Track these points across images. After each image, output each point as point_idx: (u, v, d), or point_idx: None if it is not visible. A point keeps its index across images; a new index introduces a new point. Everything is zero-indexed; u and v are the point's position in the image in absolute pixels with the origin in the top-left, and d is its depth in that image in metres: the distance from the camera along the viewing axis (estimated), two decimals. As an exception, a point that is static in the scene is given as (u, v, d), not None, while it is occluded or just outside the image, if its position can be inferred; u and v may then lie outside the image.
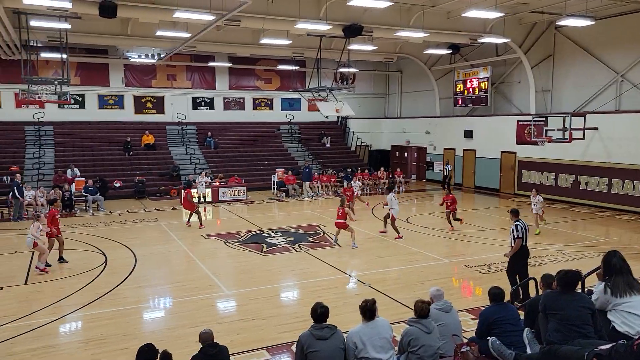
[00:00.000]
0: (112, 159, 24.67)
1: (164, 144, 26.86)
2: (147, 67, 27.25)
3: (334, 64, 24.67)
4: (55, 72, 24.03)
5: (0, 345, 7.53)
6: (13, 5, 15.06)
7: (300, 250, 13.28)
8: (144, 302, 9.60)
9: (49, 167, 22.97)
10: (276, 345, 7.45)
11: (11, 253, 12.99)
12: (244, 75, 29.87)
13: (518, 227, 8.92)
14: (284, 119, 30.71)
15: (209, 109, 29.28)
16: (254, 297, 9.61)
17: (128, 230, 15.94)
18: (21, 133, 24.68)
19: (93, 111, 26.57)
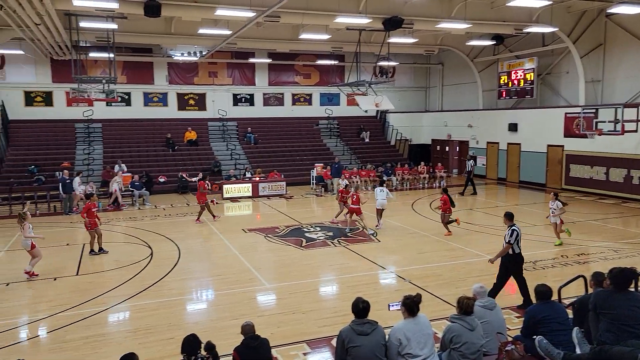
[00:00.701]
0: (157, 154, 25.38)
1: (206, 139, 27.41)
2: (189, 65, 27.84)
3: (373, 58, 24.50)
4: (103, 71, 24.96)
5: (54, 333, 7.92)
6: (64, 7, 15.67)
7: (339, 245, 13.29)
8: (188, 294, 9.85)
9: (98, 163, 23.87)
10: (316, 339, 7.49)
11: (63, 245, 13.57)
12: (283, 71, 30.07)
13: (514, 232, 8.34)
14: (322, 114, 30.75)
15: (249, 105, 29.66)
16: (294, 291, 9.69)
17: (172, 224, 16.37)
18: (72, 130, 25.73)
19: (138, 109, 27.40)
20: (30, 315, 8.78)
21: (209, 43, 23.07)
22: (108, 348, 7.30)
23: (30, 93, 25.54)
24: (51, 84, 25.63)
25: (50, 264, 11.80)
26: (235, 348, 5.39)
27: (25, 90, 25.37)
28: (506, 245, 8.37)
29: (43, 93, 25.74)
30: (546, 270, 10.82)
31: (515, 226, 8.48)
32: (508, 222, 8.61)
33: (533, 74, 23.99)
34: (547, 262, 11.42)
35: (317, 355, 7.08)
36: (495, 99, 26.91)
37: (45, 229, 15.53)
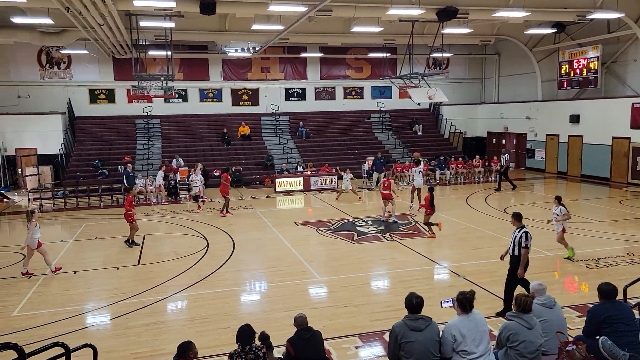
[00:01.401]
0: (212, 149, 26.08)
1: (259, 134, 27.88)
2: (243, 61, 28.37)
3: (426, 50, 24.01)
4: (162, 69, 25.88)
5: (118, 320, 8.33)
6: (125, 8, 16.34)
7: (391, 240, 13.18)
8: (242, 285, 10.09)
9: (157, 157, 24.83)
10: (368, 333, 7.48)
11: (125, 236, 14.20)
12: (335, 65, 30.06)
13: (528, 235, 7.80)
14: (374, 107, 30.51)
15: (300, 99, 29.88)
16: (345, 285, 9.71)
17: (227, 216, 16.77)
18: (132, 126, 26.89)
19: (195, 104, 28.24)
20: (95, 302, 9.28)
21: (262, 39, 23.39)
22: (167, 335, 7.60)
23: (95, 91, 26.88)
24: (113, 82, 26.86)
25: (113, 254, 12.42)
26: (289, 339, 5.47)
27: (90, 88, 26.73)
28: (525, 250, 7.82)
29: (106, 91, 27.02)
30: (610, 268, 10.29)
31: (525, 227, 8.02)
32: (517, 223, 8.05)
33: (597, 63, 22.74)
34: (612, 260, 10.85)
35: (369, 349, 7.07)
36: (556, 90, 25.72)
37: (108, 221, 16.37)
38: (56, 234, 15.43)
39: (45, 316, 8.50)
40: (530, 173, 26.02)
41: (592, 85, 23.13)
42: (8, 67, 25.11)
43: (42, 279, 10.54)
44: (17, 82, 25.25)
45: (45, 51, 25.54)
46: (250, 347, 5.13)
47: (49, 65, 25.88)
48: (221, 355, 6.87)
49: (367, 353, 6.97)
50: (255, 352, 5.09)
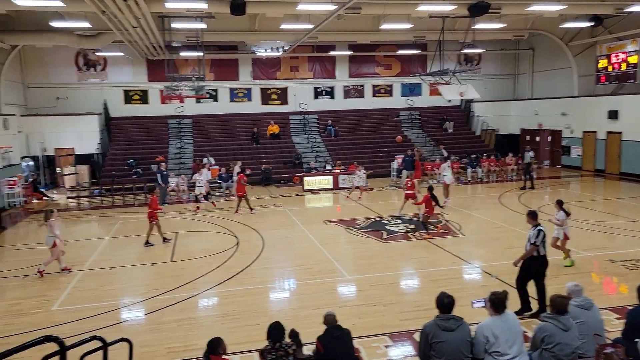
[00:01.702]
0: (242, 148, 26.36)
1: (288, 133, 28.03)
2: (272, 60, 28.57)
3: (457, 46, 23.67)
4: (193, 70, 26.32)
5: (152, 315, 8.53)
6: (158, 10, 16.68)
7: (421, 239, 13.05)
8: (271, 283, 10.18)
9: (189, 156, 25.27)
10: (398, 332, 7.43)
11: (158, 234, 14.49)
12: (364, 63, 29.93)
13: (540, 232, 7.67)
14: (403, 104, 30.26)
15: (329, 97, 29.89)
16: (375, 283, 9.67)
17: (256, 214, 16.95)
18: (165, 126, 27.43)
19: (225, 104, 28.60)
20: (130, 298, 9.52)
21: (291, 38, 23.50)
22: (199, 331, 7.74)
23: (129, 92, 27.54)
24: (147, 83, 27.46)
25: (147, 251, 12.72)
26: (318, 337, 5.49)
27: (125, 89, 27.40)
28: (531, 246, 7.70)
29: (140, 91, 27.65)
30: (652, 270, 9.93)
31: (541, 226, 7.82)
32: (532, 221, 7.92)
33: (637, 57, 21.93)
34: (653, 261, 10.47)
35: (399, 348, 7.03)
36: (593, 85, 24.95)
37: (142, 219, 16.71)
38: (93, 231, 15.90)
39: (83, 310, 8.77)
40: (566, 171, 25.32)
41: (632, 80, 22.33)
42: (47, 70, 25.98)
43: (80, 275, 10.88)
44: (55, 84, 26.09)
45: (82, 54, 26.31)
46: (280, 344, 5.17)
47: (85, 68, 26.65)
48: (251, 351, 6.95)
49: (397, 352, 6.93)
50: (285, 349, 5.14)
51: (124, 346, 5.54)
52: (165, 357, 7.02)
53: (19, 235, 15.47)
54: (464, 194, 20.26)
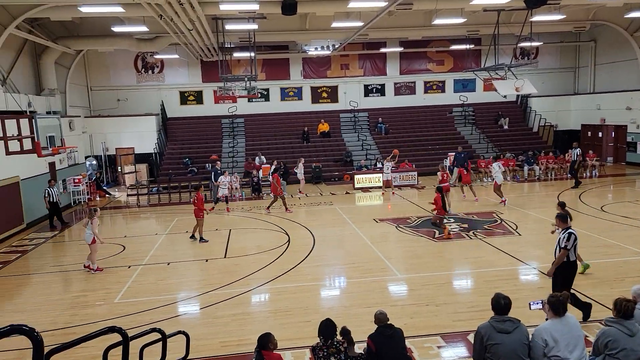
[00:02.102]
0: (292, 146, 26.64)
1: (338, 131, 28.05)
2: (322, 59, 28.67)
3: (513, 39, 22.84)
4: (245, 70, 26.84)
5: (207, 309, 8.79)
6: (212, 12, 17.13)
7: (475, 238, 12.72)
8: (322, 280, 10.23)
9: (241, 155, 25.81)
10: (451, 333, 7.29)
11: (213, 230, 14.93)
12: (415, 59, 29.49)
13: (571, 236, 7.25)
14: (456, 101, 29.56)
15: (379, 95, 29.65)
16: (427, 283, 9.53)
17: (307, 212, 17.10)
18: (218, 125, 28.15)
19: (276, 103, 29.00)
20: (186, 292, 9.85)
21: (341, 36, 23.49)
22: (252, 326, 7.89)
23: (184, 93, 28.45)
24: (201, 84, 28.27)
25: (202, 247, 13.11)
26: (370, 336, 5.47)
27: (180, 90, 28.33)
28: (562, 251, 7.30)
29: (195, 92, 28.50)
30: None
31: (572, 229, 7.39)
32: (562, 224, 7.53)
33: None
34: None
35: (452, 349, 6.89)
36: (662, 77, 23.43)
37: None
38: (151, 228, 16.55)
39: (142, 303, 9.16)
40: (631, 168, 23.93)
41: None
42: (109, 73, 27.27)
43: (140, 269, 11.36)
44: (116, 87, 27.36)
45: (141, 57, 27.43)
46: (332, 341, 5.19)
47: (144, 70, 27.76)
48: (302, 347, 7.03)
49: (450, 353, 6.80)
50: (337, 347, 5.15)
51: (181, 339, 5.74)
52: (219, 350, 7.22)
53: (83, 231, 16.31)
54: (520, 192, 19.57)
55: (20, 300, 9.91)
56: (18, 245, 14.39)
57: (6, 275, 11.58)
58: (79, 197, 20.90)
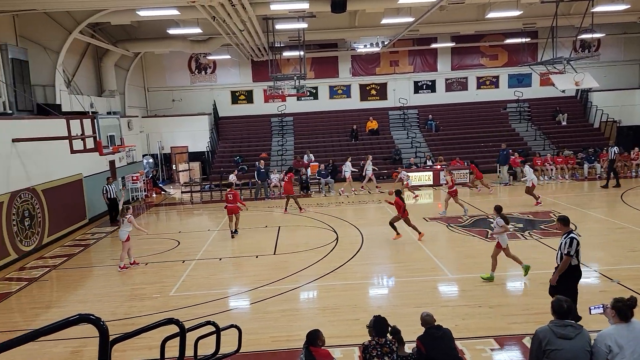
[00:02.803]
0: (341, 144, 26.63)
1: (387, 128, 27.80)
2: (371, 56, 28.48)
3: (573, 31, 21.79)
4: (294, 69, 27.06)
5: (257, 305, 8.95)
6: (263, 12, 17.39)
7: (531, 238, 12.28)
8: (371, 279, 10.19)
9: (290, 153, 26.08)
10: (505, 336, 7.08)
11: (262, 227, 15.18)
12: (467, 54, 28.74)
13: (573, 240, 6.91)
14: (511, 96, 28.58)
15: (430, 91, 29.13)
16: (479, 284, 9.29)
17: (355, 210, 17.06)
18: (268, 124, 28.56)
19: (324, 101, 29.08)
20: (237, 287, 10.07)
21: (391, 32, 23.24)
22: (301, 322, 7.96)
23: (235, 92, 29.05)
24: (251, 83, 28.77)
25: (252, 243, 13.35)
26: (419, 337, 5.39)
27: (232, 90, 28.94)
28: (565, 257, 6.97)
29: (245, 92, 29.04)
30: None
31: (573, 233, 7.06)
32: (564, 227, 7.20)
33: None
34: None
35: (506, 352, 6.69)
36: None
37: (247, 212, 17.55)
38: (204, 224, 17.03)
39: (195, 297, 9.45)
40: None
41: None
42: (165, 74, 28.24)
43: (193, 264, 11.72)
44: (171, 87, 28.30)
45: (194, 58, 28.23)
46: (385, 340, 5.12)
47: (197, 71, 28.56)
48: (351, 345, 7.03)
49: (504, 357, 6.60)
50: (390, 346, 5.07)
51: (234, 332, 5.87)
52: (270, 345, 7.33)
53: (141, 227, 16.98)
54: (579, 191, 18.71)
55: (83, 291, 10.46)
56: (81, 239, 15.18)
57: (71, 267, 12.25)
58: (137, 193, 21.78)
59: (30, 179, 13.82)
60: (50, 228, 14.57)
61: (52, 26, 16.96)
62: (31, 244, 13.57)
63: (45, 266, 12.36)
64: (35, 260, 13.01)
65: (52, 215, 14.65)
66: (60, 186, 15.40)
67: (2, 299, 10.09)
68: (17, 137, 13.17)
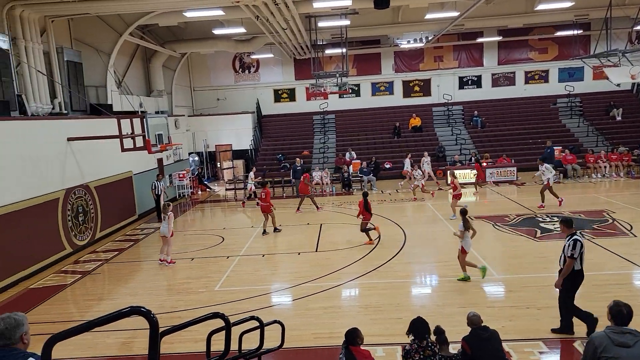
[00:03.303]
0: (383, 141, 26.43)
1: (430, 125, 27.36)
2: (415, 52, 28.10)
3: (628, 22, 20.81)
4: (337, 66, 27.03)
5: (299, 301, 9.02)
6: (306, 11, 17.48)
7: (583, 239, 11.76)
8: (413, 277, 10.07)
9: (332, 150, 26.10)
10: (555, 339, 6.84)
11: (304, 224, 15.28)
12: (515, 48, 27.88)
13: (577, 243, 6.74)
14: (561, 91, 27.53)
15: (475, 87, 28.46)
16: (526, 285, 9.01)
17: (397, 208, 16.88)
18: (310, 122, 28.69)
19: (367, 98, 28.94)
20: (280, 284, 10.18)
21: (435, 27, 22.86)
22: (344, 320, 7.96)
23: (278, 91, 29.34)
24: (294, 82, 28.98)
25: (294, 241, 13.46)
26: (465, 338, 5.28)
27: (274, 88, 29.25)
28: (569, 260, 6.79)
29: (288, 90, 29.29)
30: None
31: (577, 235, 6.88)
32: (567, 230, 7.05)
33: None
34: None
35: (555, 356, 6.48)
36: None
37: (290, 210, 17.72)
38: (247, 221, 17.29)
39: (239, 292, 9.62)
40: None
41: None
42: (210, 74, 28.87)
43: (237, 260, 11.94)
44: (216, 87, 28.89)
45: (238, 57, 28.71)
46: (427, 342, 5.03)
47: (241, 70, 29.03)
48: (393, 344, 6.97)
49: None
50: (432, 349, 4.98)
51: (277, 328, 5.95)
52: (311, 342, 7.38)
53: (188, 223, 17.46)
54: (635, 190, 17.81)
55: (133, 284, 10.85)
56: (131, 235, 15.75)
57: (121, 261, 12.74)
58: (183, 191, 22.38)
59: (83, 176, 14.46)
60: (102, 223, 15.19)
61: (104, 29, 17.66)
62: (85, 238, 14.20)
63: (97, 260, 12.91)
64: (88, 254, 13.60)
65: (104, 211, 15.27)
66: (112, 183, 16.02)
67: (58, 291, 10.61)
68: (71, 136, 13.80)
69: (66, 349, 6.90)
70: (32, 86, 13.59)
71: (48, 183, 12.74)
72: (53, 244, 12.70)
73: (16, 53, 13.11)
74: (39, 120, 13.22)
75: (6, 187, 11.18)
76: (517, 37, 27.07)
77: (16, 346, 2.83)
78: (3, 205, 10.98)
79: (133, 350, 7.56)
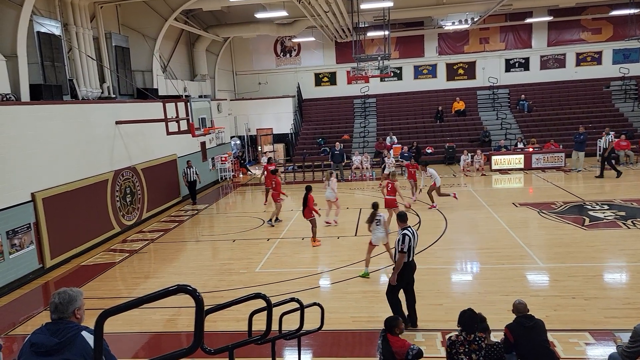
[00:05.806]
0: (425, 126, 25.98)
1: (474, 109, 26.67)
2: (459, 34, 27.32)
3: (692, -2, 19.48)
4: (378, 49, 26.67)
5: (339, 284, 9.09)
6: (347, -7, 17.29)
7: (634, 227, 11.29)
8: (454, 264, 9.94)
9: (372, 135, 25.90)
10: (601, 330, 6.62)
11: (344, 208, 15.27)
12: (566, 28, 26.65)
13: (405, 237, 6.87)
14: (615, 74, 26.19)
15: (523, 69, 27.45)
16: (573, 274, 8.74)
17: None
18: (350, 106, 28.50)
19: (409, 82, 28.43)
20: (320, 267, 10.27)
21: (482, 8, 22.13)
22: (382, 304, 7.93)
23: (319, 74, 29.23)
24: (335, 65, 28.79)
25: (333, 225, 13.49)
26: (508, 325, 5.18)
27: (315, 72, 29.16)
28: (400, 254, 6.93)
29: (328, 74, 29.13)
30: None
31: (408, 229, 7.01)
32: (400, 224, 7.20)
33: None
34: None
35: (602, 348, 6.25)
36: None
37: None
38: (287, 204, 17.43)
39: (279, 274, 9.78)
40: None
41: None
42: (251, 58, 29.06)
43: (277, 242, 12.12)
44: (258, 71, 29.08)
45: (279, 41, 28.74)
46: (474, 336, 4.90)
47: (282, 54, 29.07)
48: (434, 330, 6.93)
49: (599, 352, 6.18)
50: (479, 343, 4.85)
51: (316, 310, 6.01)
52: (350, 325, 7.43)
53: (229, 205, 17.80)
54: (694, 179, 16.87)
55: (177, 264, 11.21)
56: (175, 216, 16.22)
57: (167, 241, 13.16)
58: (225, 174, 22.79)
59: (131, 159, 14.95)
60: (148, 204, 15.70)
61: (150, 14, 18.02)
62: (132, 218, 14.73)
63: (144, 239, 13.39)
64: (135, 233, 14.12)
65: (150, 192, 15.77)
66: (157, 165, 16.50)
67: (107, 268, 11.09)
68: (119, 120, 14.26)
69: (115, 324, 7.22)
70: (83, 71, 14.08)
71: (98, 164, 13.26)
72: (103, 223, 13.26)
73: (67, 39, 13.59)
74: (90, 104, 13.72)
75: (61, 168, 11.72)
76: (568, 17, 25.84)
77: (70, 319, 2.97)
78: (58, 185, 11.52)
79: (177, 327, 7.84)
